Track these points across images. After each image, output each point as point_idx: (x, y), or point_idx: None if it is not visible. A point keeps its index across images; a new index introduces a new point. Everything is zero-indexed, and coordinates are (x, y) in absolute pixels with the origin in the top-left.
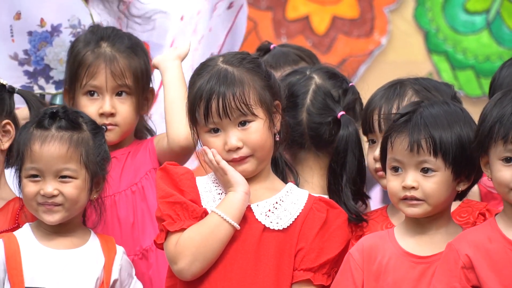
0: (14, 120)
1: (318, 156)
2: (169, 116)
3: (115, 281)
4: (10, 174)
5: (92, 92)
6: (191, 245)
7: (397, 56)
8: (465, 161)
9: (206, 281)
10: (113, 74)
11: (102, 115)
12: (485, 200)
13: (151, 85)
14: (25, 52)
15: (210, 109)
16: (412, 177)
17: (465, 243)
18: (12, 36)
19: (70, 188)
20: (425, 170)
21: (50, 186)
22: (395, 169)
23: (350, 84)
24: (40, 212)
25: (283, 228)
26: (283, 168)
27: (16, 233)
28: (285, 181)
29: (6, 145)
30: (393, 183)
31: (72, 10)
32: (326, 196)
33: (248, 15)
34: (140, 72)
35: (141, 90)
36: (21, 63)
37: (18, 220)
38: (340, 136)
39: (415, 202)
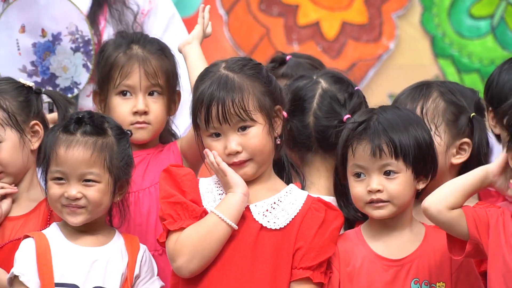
0: (43, 120)
1: (325, 159)
2: None
3: (136, 277)
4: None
5: (125, 92)
6: (189, 244)
7: (404, 60)
8: (423, 161)
9: (205, 278)
10: (147, 73)
11: (135, 113)
12: (483, 198)
13: (178, 88)
14: (32, 63)
15: (210, 115)
16: (376, 180)
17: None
18: (18, 49)
19: (93, 192)
20: (387, 173)
21: (74, 189)
22: (358, 175)
23: (356, 88)
24: (64, 213)
25: (280, 228)
26: (289, 170)
27: (45, 231)
28: (290, 183)
29: (35, 145)
30: (358, 188)
31: (69, 18)
32: (332, 198)
33: (261, 21)
34: (171, 73)
35: (171, 91)
36: (30, 75)
37: (50, 221)
38: None
39: (381, 204)
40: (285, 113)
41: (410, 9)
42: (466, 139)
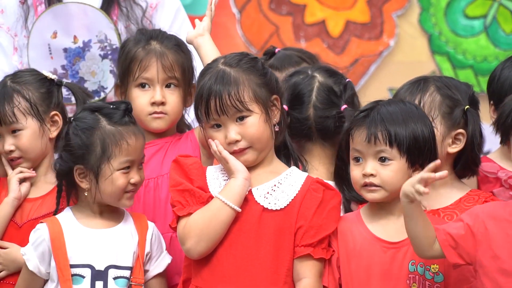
0: (62, 111)
1: (324, 147)
2: None
3: (147, 254)
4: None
5: (144, 84)
6: (196, 227)
7: (404, 56)
8: (418, 151)
9: (214, 258)
10: (164, 67)
11: (153, 104)
12: (481, 184)
13: (194, 81)
14: (63, 67)
15: (210, 108)
16: (371, 165)
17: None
18: (50, 54)
19: (143, 174)
20: (382, 159)
21: (138, 175)
22: (357, 159)
23: (347, 80)
24: (124, 199)
25: (281, 208)
26: (295, 158)
27: (58, 216)
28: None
29: (54, 134)
30: (355, 172)
31: (99, 26)
32: (332, 182)
33: (271, 20)
34: (186, 67)
35: (187, 84)
36: (60, 77)
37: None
38: (346, 127)
39: (373, 188)
40: (285, 107)
41: (409, 9)
42: (461, 130)
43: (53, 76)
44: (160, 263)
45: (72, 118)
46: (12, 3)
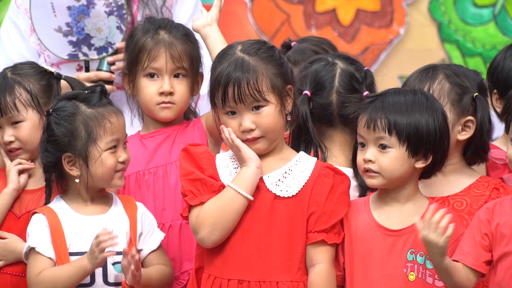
0: None
1: (345, 133)
2: None
3: (140, 234)
4: None
5: (153, 74)
6: (210, 217)
7: (413, 44)
8: (419, 141)
9: (227, 246)
10: (172, 57)
11: (161, 94)
12: (490, 171)
13: (200, 70)
14: (67, 24)
15: (227, 95)
16: (371, 152)
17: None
18: (54, 12)
19: (129, 153)
20: (382, 146)
21: (124, 153)
22: (362, 145)
23: (366, 68)
24: (116, 179)
25: (293, 195)
26: (316, 144)
27: (51, 205)
28: (317, 155)
29: None
30: (359, 157)
31: None
32: (350, 169)
33: (282, 8)
34: (194, 56)
35: (194, 73)
36: (65, 35)
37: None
38: None
39: (372, 174)
40: (308, 92)
41: None
42: (470, 117)
43: (53, 69)
44: (153, 240)
45: (50, 110)
46: None
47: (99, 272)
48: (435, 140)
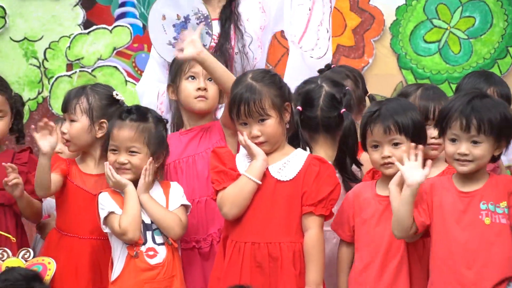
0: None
1: (326, 138)
2: (227, 82)
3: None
4: None
5: (192, 77)
6: (230, 197)
7: (379, 70)
8: (418, 135)
9: (243, 219)
10: None
11: (198, 89)
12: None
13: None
14: (174, 38)
15: (240, 111)
16: (387, 150)
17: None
18: (164, 31)
19: (137, 159)
20: (395, 144)
21: (123, 157)
22: (375, 147)
23: (347, 88)
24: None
25: (290, 180)
26: (304, 145)
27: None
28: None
29: (99, 135)
30: (375, 156)
31: (191, 4)
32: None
33: (282, 43)
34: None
35: None
36: (174, 46)
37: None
38: (345, 125)
39: (390, 164)
40: (300, 107)
41: (383, 35)
42: None
43: (121, 98)
44: (176, 202)
45: (165, 120)
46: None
47: (149, 235)
48: (424, 129)
